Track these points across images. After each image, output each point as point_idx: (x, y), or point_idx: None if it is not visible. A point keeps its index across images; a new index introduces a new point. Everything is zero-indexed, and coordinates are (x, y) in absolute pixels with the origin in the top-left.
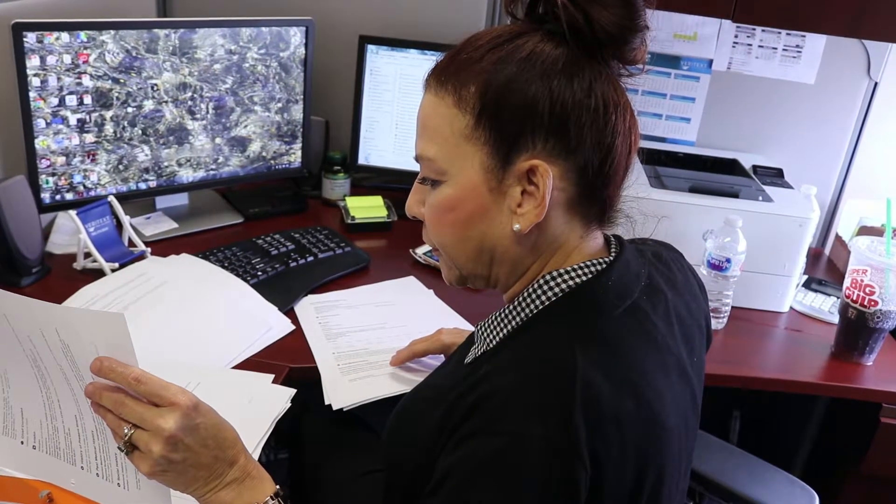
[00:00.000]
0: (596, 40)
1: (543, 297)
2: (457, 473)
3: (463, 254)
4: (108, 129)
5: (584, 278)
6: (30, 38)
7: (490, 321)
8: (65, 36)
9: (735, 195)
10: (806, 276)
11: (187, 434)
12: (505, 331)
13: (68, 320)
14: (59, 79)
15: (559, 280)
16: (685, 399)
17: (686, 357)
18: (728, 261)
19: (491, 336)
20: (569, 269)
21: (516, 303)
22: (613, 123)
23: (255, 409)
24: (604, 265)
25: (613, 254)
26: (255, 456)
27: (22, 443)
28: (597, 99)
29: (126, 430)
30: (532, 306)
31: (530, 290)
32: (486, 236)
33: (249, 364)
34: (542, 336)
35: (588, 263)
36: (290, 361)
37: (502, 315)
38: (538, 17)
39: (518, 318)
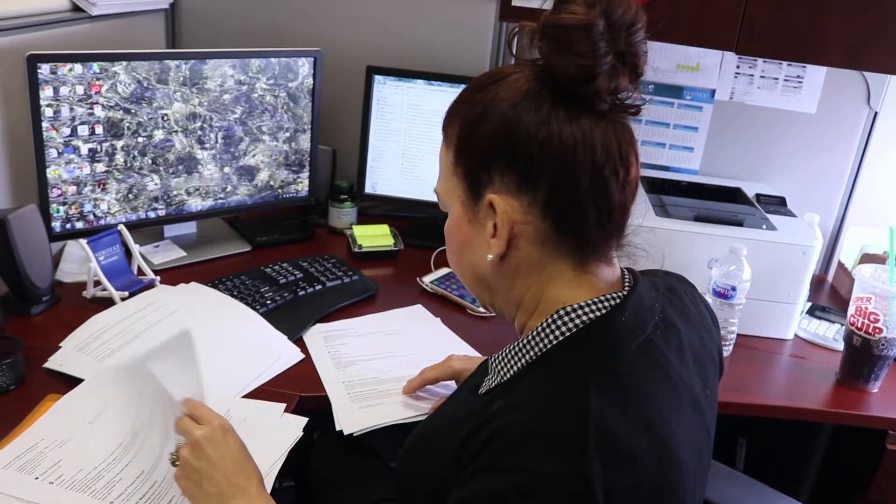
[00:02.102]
0: (554, 73)
1: (557, 333)
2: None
3: (465, 280)
4: (119, 158)
5: (597, 314)
6: (44, 69)
7: (504, 354)
8: (78, 67)
9: (739, 224)
10: (810, 304)
11: (210, 445)
12: (518, 365)
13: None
14: (71, 109)
15: (573, 315)
16: (699, 433)
17: (700, 391)
18: (733, 289)
19: (505, 369)
20: (582, 304)
21: (530, 336)
22: (576, 158)
23: (267, 438)
24: (617, 300)
25: (627, 288)
26: (269, 484)
27: (36, 478)
28: (551, 132)
29: (176, 446)
30: (546, 341)
31: (544, 324)
32: (475, 265)
33: (260, 393)
34: (555, 372)
35: (602, 299)
36: (300, 390)
37: (517, 348)
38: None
39: (532, 353)
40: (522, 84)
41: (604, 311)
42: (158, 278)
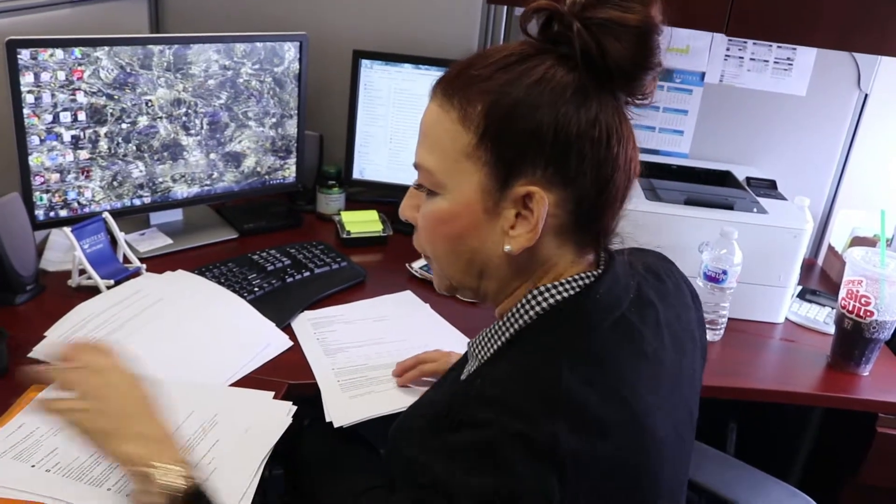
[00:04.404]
0: (607, 71)
1: (532, 312)
2: (431, 457)
3: (452, 266)
4: (103, 145)
5: (571, 292)
6: (24, 54)
7: (481, 337)
8: (59, 52)
9: (730, 207)
10: (800, 287)
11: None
12: (495, 346)
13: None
14: (53, 95)
15: (546, 295)
16: (677, 410)
17: (678, 368)
18: (724, 272)
19: (483, 353)
20: (556, 283)
21: (506, 318)
22: (615, 155)
23: (256, 427)
24: (592, 279)
25: (602, 267)
26: (258, 473)
27: (33, 466)
28: (601, 131)
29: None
30: (521, 321)
31: (519, 305)
32: (478, 253)
33: (248, 381)
34: (529, 351)
35: (576, 277)
36: (288, 378)
37: (493, 331)
38: (552, 37)
39: (507, 334)
40: (558, 71)
41: (578, 290)
42: (144, 266)
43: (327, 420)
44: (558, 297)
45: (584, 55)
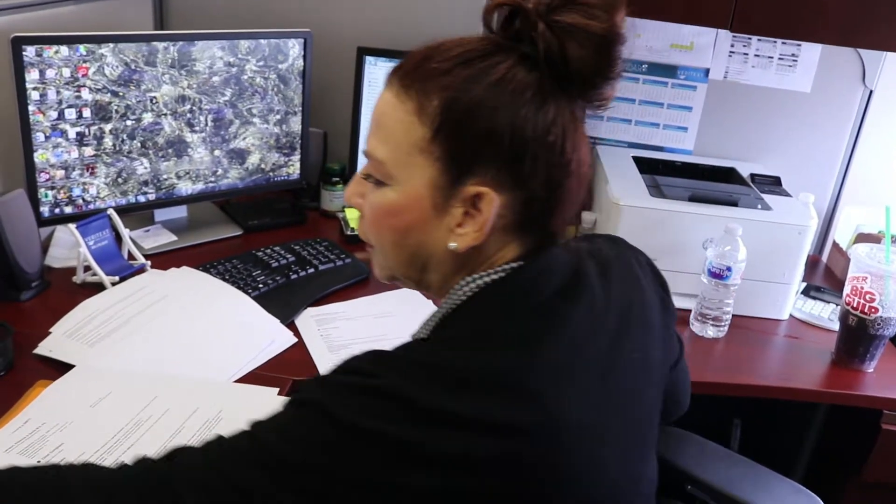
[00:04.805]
0: (567, 76)
1: (458, 301)
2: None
3: (396, 257)
4: (108, 142)
5: (496, 277)
6: (29, 51)
7: (420, 329)
8: (64, 49)
9: (734, 204)
10: (804, 284)
11: None
12: (424, 335)
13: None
14: (58, 92)
15: (472, 285)
16: (612, 398)
17: (617, 355)
18: (729, 269)
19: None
20: (482, 273)
21: (437, 308)
22: (568, 160)
23: None
24: (518, 266)
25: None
26: None
27: (39, 461)
28: (556, 135)
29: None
30: (447, 311)
31: (450, 293)
32: (422, 247)
33: (252, 377)
34: (445, 337)
35: (504, 267)
36: (293, 374)
37: (427, 322)
38: (513, 34)
39: (433, 322)
40: (519, 71)
41: (502, 276)
42: (149, 263)
43: None
44: (480, 282)
45: (547, 56)
